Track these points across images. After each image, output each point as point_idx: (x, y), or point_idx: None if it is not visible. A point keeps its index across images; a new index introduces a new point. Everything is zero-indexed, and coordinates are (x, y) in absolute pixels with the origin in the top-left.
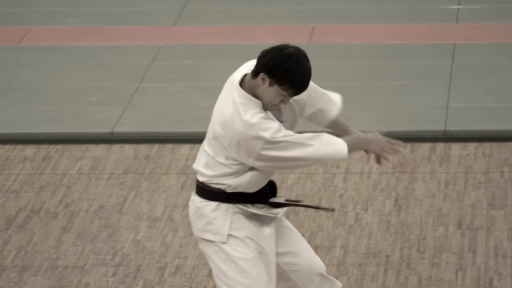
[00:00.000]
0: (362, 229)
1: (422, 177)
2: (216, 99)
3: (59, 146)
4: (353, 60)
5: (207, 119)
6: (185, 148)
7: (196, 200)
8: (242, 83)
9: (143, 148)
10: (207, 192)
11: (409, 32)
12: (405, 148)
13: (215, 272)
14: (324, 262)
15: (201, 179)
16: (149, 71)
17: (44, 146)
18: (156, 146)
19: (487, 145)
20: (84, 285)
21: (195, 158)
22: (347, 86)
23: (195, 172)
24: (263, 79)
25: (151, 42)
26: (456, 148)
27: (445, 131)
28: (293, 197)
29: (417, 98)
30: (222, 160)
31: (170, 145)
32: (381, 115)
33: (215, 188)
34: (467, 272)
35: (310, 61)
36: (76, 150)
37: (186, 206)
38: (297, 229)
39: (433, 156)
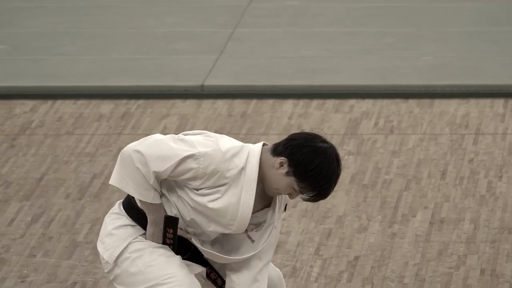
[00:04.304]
0: (496, 200)
1: None
2: (322, 47)
3: (140, 102)
4: (484, 1)
5: (312, 70)
6: (287, 105)
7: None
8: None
9: (238, 104)
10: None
11: None
12: None
13: None
14: (451, 238)
15: None
16: (245, 14)
17: (123, 101)
18: (253, 102)
19: None
20: None
21: (299, 116)
22: (478, 32)
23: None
24: (281, 164)
25: None
26: None
27: None
28: (414, 162)
29: None
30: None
31: (270, 101)
32: None
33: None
34: None
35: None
36: (160, 106)
37: None
38: (419, 199)
39: None
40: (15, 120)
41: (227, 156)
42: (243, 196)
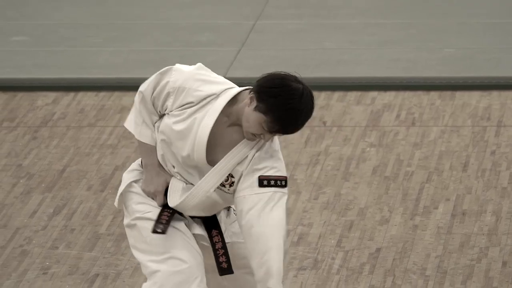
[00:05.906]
0: None
1: None
2: (344, 39)
3: None
4: None
5: (333, 62)
6: None
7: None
8: (240, 94)
9: None
10: None
11: None
12: None
13: None
14: (472, 231)
15: None
16: (267, 6)
17: None
18: None
19: None
20: None
21: (321, 108)
22: (500, 24)
23: (320, 124)
24: (251, 99)
25: None
26: None
27: None
28: (436, 154)
29: None
30: None
31: None
32: None
33: None
34: None
35: None
36: None
37: (310, 164)
38: (441, 191)
39: None
40: (37, 112)
41: (198, 77)
42: (204, 120)
